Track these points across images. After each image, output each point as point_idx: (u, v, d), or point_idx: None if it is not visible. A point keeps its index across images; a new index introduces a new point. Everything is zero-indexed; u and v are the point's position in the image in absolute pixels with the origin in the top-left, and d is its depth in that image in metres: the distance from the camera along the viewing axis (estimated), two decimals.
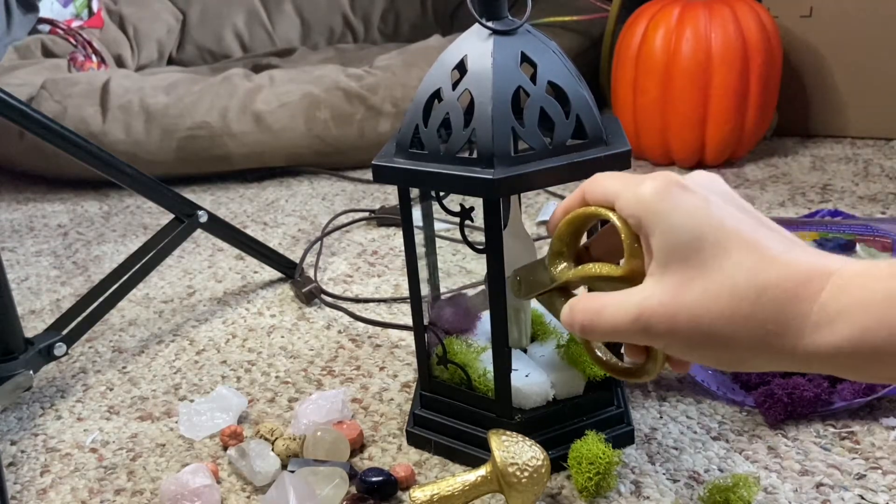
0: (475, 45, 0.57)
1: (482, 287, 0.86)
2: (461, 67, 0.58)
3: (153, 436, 0.73)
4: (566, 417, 0.64)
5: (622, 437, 0.66)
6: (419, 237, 0.66)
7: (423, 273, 0.70)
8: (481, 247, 0.58)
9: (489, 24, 0.57)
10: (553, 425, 0.64)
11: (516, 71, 0.56)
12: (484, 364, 0.65)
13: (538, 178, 0.55)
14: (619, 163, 0.56)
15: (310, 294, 0.96)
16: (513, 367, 0.64)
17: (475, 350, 0.67)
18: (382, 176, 0.59)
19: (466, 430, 0.65)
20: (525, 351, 0.68)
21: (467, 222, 0.60)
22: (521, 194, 0.70)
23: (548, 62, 0.56)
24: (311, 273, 1.05)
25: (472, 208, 0.59)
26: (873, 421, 0.66)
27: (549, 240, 0.57)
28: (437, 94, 0.58)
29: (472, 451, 0.65)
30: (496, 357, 0.61)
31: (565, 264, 0.52)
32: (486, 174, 0.54)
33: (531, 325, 0.69)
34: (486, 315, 0.70)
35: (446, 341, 0.67)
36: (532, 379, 0.64)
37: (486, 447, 0.63)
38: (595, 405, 0.65)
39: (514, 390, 0.63)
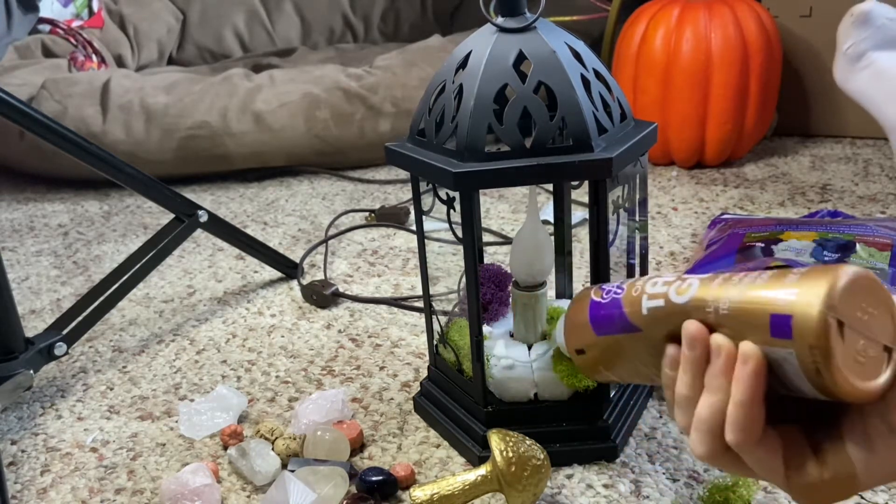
0: (481, 41, 0.58)
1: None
2: (465, 62, 0.58)
3: (153, 435, 0.73)
4: (543, 419, 0.63)
5: (597, 451, 0.63)
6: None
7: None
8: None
9: (498, 20, 0.58)
10: (527, 423, 0.63)
11: (507, 68, 0.56)
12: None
13: (504, 176, 0.55)
14: (595, 170, 0.55)
15: (332, 297, 0.96)
16: (506, 359, 0.64)
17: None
18: (388, 156, 0.63)
19: (451, 408, 0.68)
20: (531, 346, 0.68)
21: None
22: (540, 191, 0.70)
23: (546, 63, 0.56)
24: (311, 274, 1.06)
25: (453, 198, 0.60)
26: None
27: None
28: (442, 86, 0.60)
29: (451, 428, 0.67)
30: (472, 344, 0.62)
31: None
32: (452, 167, 0.55)
33: (545, 323, 0.69)
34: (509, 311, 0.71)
35: (455, 324, 0.69)
36: (514, 373, 0.63)
37: (467, 428, 0.64)
38: (577, 414, 0.64)
39: (494, 381, 0.63)
